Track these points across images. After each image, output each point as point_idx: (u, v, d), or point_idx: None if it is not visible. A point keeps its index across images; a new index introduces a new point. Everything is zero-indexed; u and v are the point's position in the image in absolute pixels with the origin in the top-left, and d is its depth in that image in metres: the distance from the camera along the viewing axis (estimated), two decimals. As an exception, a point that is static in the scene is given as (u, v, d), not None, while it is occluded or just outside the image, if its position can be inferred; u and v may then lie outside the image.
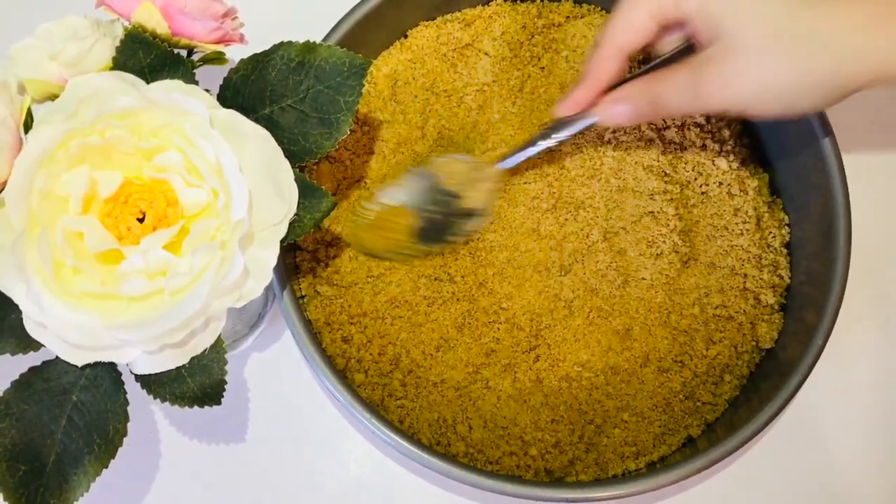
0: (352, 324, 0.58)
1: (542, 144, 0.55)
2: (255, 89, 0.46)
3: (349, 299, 0.58)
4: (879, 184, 0.66)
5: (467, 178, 0.58)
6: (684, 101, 0.48)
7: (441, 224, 0.58)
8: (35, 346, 0.43)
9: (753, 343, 0.58)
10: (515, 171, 0.60)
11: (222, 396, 0.45)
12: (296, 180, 0.43)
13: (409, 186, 0.59)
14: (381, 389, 0.57)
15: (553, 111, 0.55)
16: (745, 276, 0.59)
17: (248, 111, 0.45)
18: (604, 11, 0.64)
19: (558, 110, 0.54)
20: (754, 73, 0.44)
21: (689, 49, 0.50)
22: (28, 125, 0.43)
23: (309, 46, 0.46)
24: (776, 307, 0.59)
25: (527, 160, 0.57)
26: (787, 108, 0.45)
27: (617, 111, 0.51)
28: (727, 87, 0.45)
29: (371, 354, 0.57)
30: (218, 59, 0.49)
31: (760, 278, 0.59)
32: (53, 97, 0.44)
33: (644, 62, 0.61)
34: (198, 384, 0.44)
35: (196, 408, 0.45)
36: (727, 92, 0.45)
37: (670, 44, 0.52)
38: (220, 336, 0.43)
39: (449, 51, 0.63)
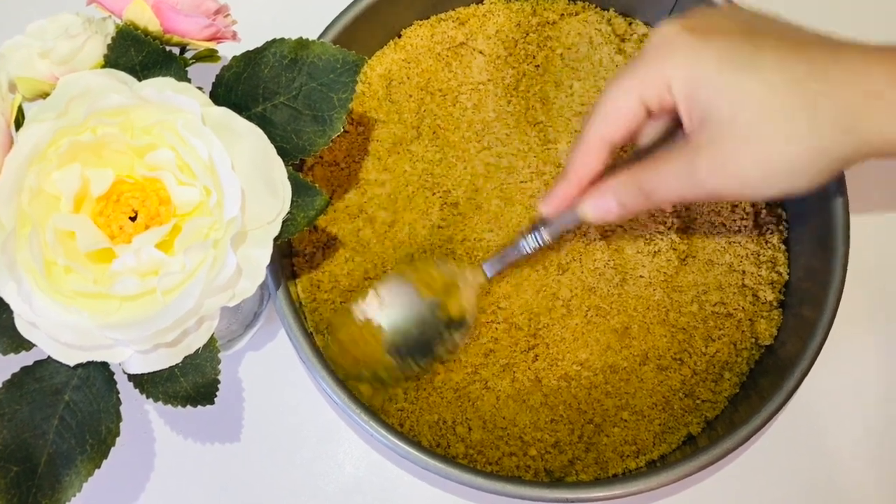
0: (349, 325, 0.58)
1: (526, 246, 0.53)
2: (247, 87, 0.46)
3: (347, 302, 0.58)
4: (878, 178, 0.66)
5: (444, 286, 0.56)
6: (679, 190, 0.45)
7: (422, 339, 0.56)
8: (27, 345, 0.43)
9: (753, 340, 0.58)
10: (523, 155, 0.59)
11: (216, 396, 0.45)
12: (289, 178, 0.43)
13: (383, 298, 0.56)
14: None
15: (538, 209, 0.52)
16: (744, 272, 0.59)
17: (240, 109, 0.45)
18: (598, 8, 0.64)
19: (543, 208, 0.51)
20: (750, 156, 0.42)
21: (669, 136, 0.48)
22: (19, 123, 0.43)
23: (302, 43, 0.45)
24: (775, 304, 0.58)
25: (534, 150, 0.57)
26: (785, 189, 0.43)
27: (605, 206, 0.48)
28: (723, 172, 0.43)
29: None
30: (210, 56, 0.49)
31: (759, 275, 0.59)
32: (44, 95, 0.44)
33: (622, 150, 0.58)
34: (191, 384, 0.44)
35: (189, 407, 0.45)
36: (723, 177, 0.43)
37: (650, 132, 0.49)
38: (213, 335, 0.43)
39: (443, 50, 0.63)
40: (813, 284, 0.56)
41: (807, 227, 0.58)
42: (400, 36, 0.64)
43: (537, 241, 0.53)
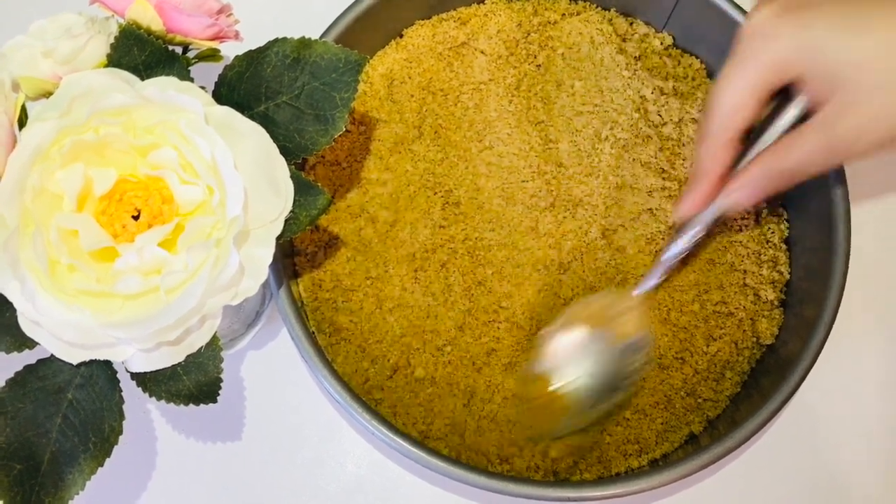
0: (352, 324, 0.58)
1: (675, 253, 0.54)
2: (250, 86, 0.46)
3: (348, 301, 0.58)
4: (878, 177, 0.66)
5: (610, 314, 0.55)
6: (822, 162, 0.46)
7: (609, 376, 0.54)
8: (30, 344, 0.43)
9: (754, 339, 0.58)
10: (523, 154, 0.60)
11: (218, 394, 0.45)
12: (291, 177, 0.43)
13: (555, 353, 0.55)
14: (381, 391, 0.57)
15: (674, 214, 0.53)
16: (745, 272, 0.59)
17: (243, 108, 0.45)
18: (599, 8, 0.65)
19: (680, 213, 0.53)
20: (890, 113, 0.43)
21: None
22: (22, 123, 0.43)
23: (304, 43, 0.45)
24: (776, 303, 0.59)
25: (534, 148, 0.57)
26: None
27: (745, 197, 0.50)
28: (865, 135, 0.44)
29: (371, 356, 0.57)
30: (213, 55, 0.49)
31: (760, 274, 0.59)
32: (48, 94, 0.44)
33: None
34: (193, 382, 0.44)
35: (192, 406, 0.45)
36: (866, 141, 0.44)
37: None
38: (215, 334, 0.43)
39: (445, 49, 0.63)
40: (814, 284, 0.56)
41: (808, 225, 0.58)
42: (401, 36, 0.64)
43: (682, 249, 0.54)
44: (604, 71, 0.63)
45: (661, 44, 0.64)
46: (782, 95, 0.48)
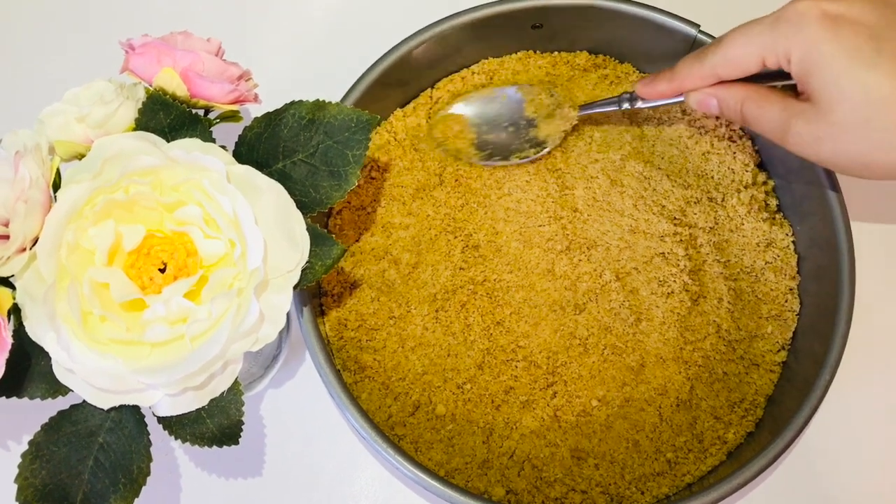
0: (375, 362, 0.59)
1: (624, 105, 0.60)
2: (268, 145, 0.48)
3: (372, 340, 0.60)
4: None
5: (547, 112, 0.62)
6: (769, 134, 0.51)
7: (506, 144, 0.63)
8: (63, 390, 0.45)
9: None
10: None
11: (240, 436, 0.47)
12: (308, 229, 0.45)
13: (487, 103, 0.64)
14: (403, 427, 0.58)
15: (635, 88, 0.58)
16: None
17: (262, 165, 0.48)
18: (616, 61, 0.67)
19: (639, 91, 0.58)
20: (840, 144, 0.48)
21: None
22: (56, 184, 0.45)
23: (319, 105, 0.48)
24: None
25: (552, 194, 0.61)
26: (861, 175, 0.49)
27: (708, 106, 0.54)
28: (812, 146, 0.49)
29: (394, 393, 0.59)
30: (233, 116, 0.51)
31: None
32: (80, 156, 0.47)
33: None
34: (217, 425, 0.46)
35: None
36: (810, 150, 0.49)
37: None
38: (237, 378, 0.45)
39: None
40: (819, 319, 0.58)
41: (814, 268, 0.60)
42: (434, 87, 0.67)
43: (630, 105, 0.59)
44: (625, 122, 0.65)
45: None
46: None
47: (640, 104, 0.59)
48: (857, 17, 0.46)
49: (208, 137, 0.47)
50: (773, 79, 0.52)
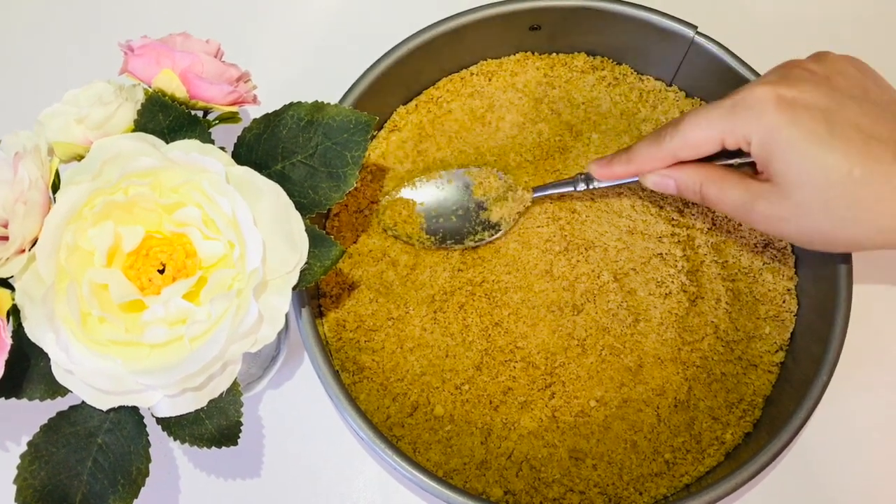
0: (374, 363, 0.59)
1: (580, 185, 0.59)
2: (267, 146, 0.48)
3: (371, 341, 0.60)
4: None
5: (498, 195, 0.61)
6: (731, 214, 0.52)
7: (458, 228, 0.62)
8: (62, 391, 0.45)
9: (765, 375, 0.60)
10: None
11: (239, 437, 0.47)
12: (307, 230, 0.45)
13: (434, 187, 0.63)
14: (402, 428, 0.58)
15: (589, 168, 0.58)
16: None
17: (261, 167, 0.48)
18: (613, 63, 0.67)
19: (594, 172, 0.58)
20: (804, 223, 0.49)
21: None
22: (55, 185, 0.45)
23: (317, 106, 0.48)
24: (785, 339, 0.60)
25: (550, 197, 0.61)
26: (824, 248, 0.51)
27: (665, 186, 0.55)
28: (776, 225, 0.50)
29: (392, 394, 0.59)
30: (232, 117, 0.51)
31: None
32: (79, 158, 0.47)
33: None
34: (215, 426, 0.46)
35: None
36: (774, 228, 0.51)
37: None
38: (235, 379, 0.45)
39: (474, 106, 0.66)
40: (819, 318, 0.57)
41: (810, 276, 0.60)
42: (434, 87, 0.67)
43: (587, 186, 0.59)
44: (623, 123, 0.65)
45: (675, 96, 0.66)
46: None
47: (595, 184, 0.58)
48: (810, 102, 0.47)
49: (207, 139, 0.47)
50: (729, 157, 0.53)
